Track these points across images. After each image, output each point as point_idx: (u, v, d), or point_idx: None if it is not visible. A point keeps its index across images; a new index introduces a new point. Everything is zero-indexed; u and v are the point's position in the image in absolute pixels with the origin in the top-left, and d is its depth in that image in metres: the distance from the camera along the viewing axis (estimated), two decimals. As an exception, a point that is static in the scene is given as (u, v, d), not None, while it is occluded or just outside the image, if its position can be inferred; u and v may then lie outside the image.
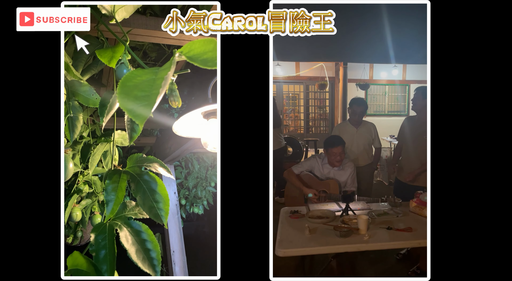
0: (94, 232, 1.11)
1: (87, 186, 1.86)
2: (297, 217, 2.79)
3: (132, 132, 1.15)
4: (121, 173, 1.11)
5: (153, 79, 0.70)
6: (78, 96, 1.22)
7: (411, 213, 2.78)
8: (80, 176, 1.83)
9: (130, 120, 1.14)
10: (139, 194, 1.08)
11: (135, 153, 1.26)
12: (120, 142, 1.52)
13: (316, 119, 9.45)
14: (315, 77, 8.55)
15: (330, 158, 3.34)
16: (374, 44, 4.89)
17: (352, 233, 2.34)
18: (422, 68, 8.22)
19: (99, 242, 1.09)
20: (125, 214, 1.18)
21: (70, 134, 1.23)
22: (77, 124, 1.23)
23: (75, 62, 1.30)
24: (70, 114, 1.20)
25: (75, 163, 1.66)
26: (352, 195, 2.90)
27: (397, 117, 8.76)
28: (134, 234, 1.12)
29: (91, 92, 1.22)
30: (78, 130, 1.24)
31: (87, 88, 1.21)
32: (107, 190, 1.06)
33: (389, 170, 3.80)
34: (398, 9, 4.20)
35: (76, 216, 1.82)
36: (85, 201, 1.93)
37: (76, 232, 2.36)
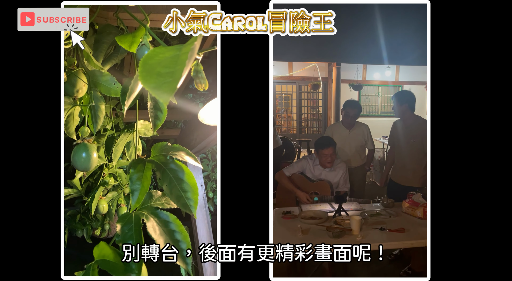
0: (120, 223, 1.07)
1: (112, 178, 1.83)
2: (289, 218, 2.78)
3: (155, 120, 1.11)
4: (145, 162, 1.07)
5: (177, 55, 0.67)
6: (99, 86, 1.19)
7: (403, 213, 2.79)
8: (106, 169, 1.81)
9: (153, 107, 1.11)
10: (165, 183, 1.05)
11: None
12: (143, 132, 1.48)
13: (309, 119, 9.46)
14: (308, 77, 8.56)
15: (321, 159, 3.34)
16: (367, 45, 4.91)
17: (345, 234, 2.34)
18: (415, 70, 8.28)
19: (126, 232, 1.05)
20: (151, 204, 1.14)
21: (93, 125, 1.20)
22: (99, 114, 1.20)
23: (95, 52, 1.26)
24: (92, 103, 1.17)
25: (100, 155, 1.64)
26: (345, 196, 2.91)
27: (390, 118, 8.78)
28: (162, 224, 1.09)
29: (112, 81, 1.19)
30: (101, 121, 1.21)
31: (108, 78, 1.19)
32: (132, 179, 1.02)
33: (381, 179, 3.81)
34: (392, 10, 4.22)
35: (103, 208, 1.81)
36: (111, 193, 1.91)
37: (103, 224, 2.34)
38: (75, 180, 1.94)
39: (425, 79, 8.35)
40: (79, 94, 1.26)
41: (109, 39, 1.24)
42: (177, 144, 1.15)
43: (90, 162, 1.20)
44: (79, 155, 1.20)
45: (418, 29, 3.59)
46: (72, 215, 2.38)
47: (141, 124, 1.46)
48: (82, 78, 1.24)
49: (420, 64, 6.17)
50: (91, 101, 1.18)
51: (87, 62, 1.19)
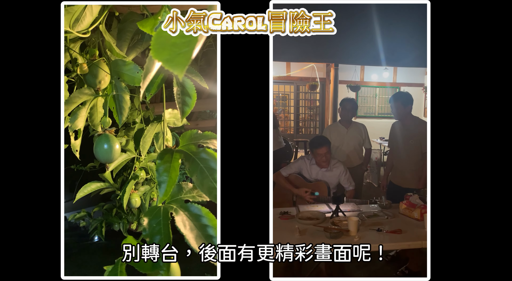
0: (147, 216, 1.01)
1: (143, 172, 1.80)
2: (287, 218, 2.79)
3: (184, 107, 1.06)
4: (173, 152, 1.01)
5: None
6: (123, 75, 1.13)
7: (400, 215, 2.79)
8: (137, 163, 1.78)
9: (180, 93, 1.05)
10: (195, 174, 0.97)
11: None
12: (172, 122, 1.38)
13: (306, 119, 9.47)
14: (306, 78, 8.57)
15: (317, 158, 3.34)
16: (365, 46, 4.92)
17: (342, 235, 2.34)
18: (413, 71, 8.30)
19: (153, 227, 0.99)
20: (181, 197, 1.07)
21: (118, 116, 1.14)
22: (124, 105, 1.13)
23: (119, 42, 1.22)
24: (113, 93, 1.12)
25: (129, 149, 1.61)
26: (342, 197, 2.91)
27: (387, 119, 8.82)
28: (193, 218, 1.02)
29: (136, 70, 1.13)
30: (126, 112, 1.15)
31: (132, 66, 1.13)
32: (159, 171, 0.97)
33: (382, 182, 3.81)
34: (389, 11, 4.23)
35: (135, 202, 1.77)
36: (144, 187, 1.87)
37: (139, 218, 2.33)
38: (106, 174, 1.89)
39: (422, 81, 8.41)
40: (101, 85, 1.21)
41: (132, 27, 1.20)
42: (209, 132, 1.08)
43: (112, 153, 1.18)
44: (101, 146, 1.17)
45: (416, 30, 3.61)
46: (109, 209, 2.37)
47: (170, 113, 1.37)
48: (104, 68, 1.20)
49: (417, 65, 6.19)
50: (113, 91, 1.13)
51: (110, 53, 1.15)
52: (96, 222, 2.34)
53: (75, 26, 1.10)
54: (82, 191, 1.69)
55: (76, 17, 1.10)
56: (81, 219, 2.46)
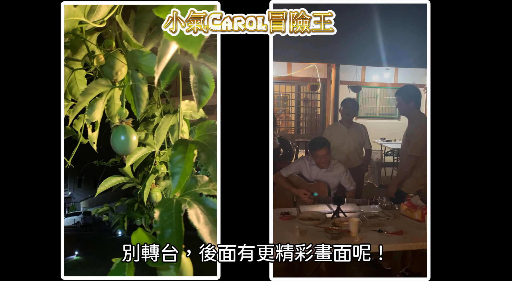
0: (158, 208, 0.96)
1: (164, 166, 1.76)
2: (287, 219, 2.78)
3: (200, 96, 1.02)
4: (188, 143, 0.97)
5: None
6: (140, 66, 1.08)
7: (401, 216, 2.78)
8: (157, 157, 1.76)
9: (197, 81, 1.02)
10: (211, 166, 0.94)
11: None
12: (189, 114, 1.33)
13: (307, 120, 9.46)
14: (307, 78, 8.56)
15: (316, 160, 3.33)
16: (367, 46, 4.92)
17: (343, 236, 2.33)
18: (414, 72, 8.29)
19: (165, 220, 0.94)
20: (196, 190, 1.01)
21: (136, 108, 1.11)
22: (141, 97, 1.09)
23: (136, 32, 1.20)
24: (129, 83, 1.08)
25: (149, 143, 1.58)
26: (343, 197, 2.90)
27: (388, 120, 8.83)
28: (208, 212, 0.96)
29: (154, 60, 1.07)
30: (144, 104, 1.10)
31: (149, 56, 1.08)
32: (172, 162, 0.92)
33: (390, 189, 3.42)
34: (391, 12, 4.23)
35: (156, 197, 1.75)
36: (165, 182, 1.84)
37: None
38: (126, 168, 1.87)
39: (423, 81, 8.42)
40: (118, 76, 1.19)
41: (150, 17, 1.18)
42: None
43: (129, 144, 1.14)
44: (118, 137, 1.14)
45: (417, 31, 3.60)
46: (130, 204, 2.36)
47: (186, 104, 1.31)
48: (121, 59, 1.17)
49: (418, 66, 6.18)
50: (130, 82, 1.09)
51: (127, 44, 1.13)
52: (118, 216, 2.33)
53: (90, 17, 1.08)
54: (103, 185, 1.70)
55: (91, 8, 1.08)
56: (103, 213, 2.45)
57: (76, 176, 20.95)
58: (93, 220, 16.30)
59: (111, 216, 2.42)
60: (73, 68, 1.24)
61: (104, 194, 1.63)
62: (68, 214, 18.34)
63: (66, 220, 17.26)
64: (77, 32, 1.13)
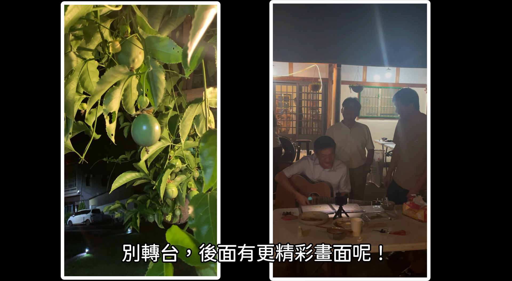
0: (192, 205, 0.91)
1: (179, 160, 1.72)
2: (289, 219, 2.78)
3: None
4: (217, 133, 0.93)
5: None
6: (157, 53, 1.04)
7: (404, 216, 2.78)
8: (171, 151, 1.70)
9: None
10: None
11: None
12: (214, 102, 1.26)
13: (308, 120, 9.46)
14: (308, 78, 8.56)
15: (320, 159, 3.33)
16: (368, 46, 4.91)
17: (345, 236, 2.33)
18: (416, 72, 8.28)
19: (200, 216, 0.90)
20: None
21: (153, 98, 1.03)
22: (159, 86, 1.02)
23: (150, 19, 1.16)
24: (150, 68, 1.01)
25: (164, 136, 1.52)
26: (345, 198, 2.90)
27: (389, 120, 8.81)
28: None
29: (171, 45, 1.03)
30: (162, 93, 1.04)
31: (166, 42, 1.03)
32: (203, 154, 0.88)
33: (385, 179, 3.72)
34: (392, 12, 4.22)
35: (172, 192, 1.71)
36: (180, 177, 1.80)
37: (174, 210, 2.27)
38: (141, 163, 1.80)
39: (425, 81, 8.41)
40: (135, 63, 1.13)
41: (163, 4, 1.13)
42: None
43: (152, 134, 1.08)
44: (139, 127, 1.07)
45: (419, 31, 3.59)
46: (143, 200, 2.31)
47: (211, 92, 1.25)
48: (137, 45, 1.12)
49: (420, 66, 6.16)
50: (149, 67, 1.02)
51: (142, 30, 1.08)
52: (130, 213, 2.30)
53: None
54: (117, 181, 1.64)
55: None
56: (115, 211, 2.42)
57: (84, 174, 21.06)
58: (102, 218, 16.41)
59: (122, 213, 2.39)
60: (86, 59, 1.18)
61: (113, 192, 1.59)
62: (77, 212, 18.44)
63: (75, 218, 17.38)
64: (91, 17, 1.08)
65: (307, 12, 4.08)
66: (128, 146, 2.40)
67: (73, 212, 19.69)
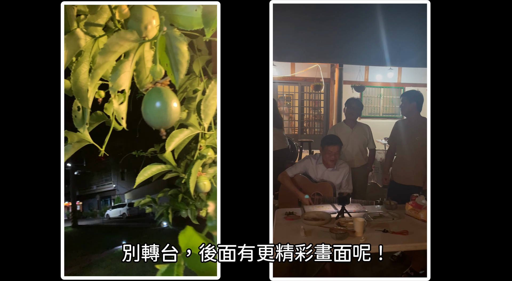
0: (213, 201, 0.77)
1: (211, 150, 1.52)
2: (292, 219, 2.77)
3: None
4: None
5: None
6: (175, 18, 0.86)
7: (406, 216, 2.77)
8: (202, 140, 1.50)
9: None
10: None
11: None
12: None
13: (310, 120, 9.45)
14: (310, 78, 8.55)
15: (325, 156, 3.33)
16: (370, 46, 4.91)
17: (348, 236, 2.32)
18: (418, 71, 8.26)
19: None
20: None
21: (174, 74, 0.83)
22: (180, 59, 0.82)
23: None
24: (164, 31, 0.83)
25: (192, 123, 1.32)
26: (348, 198, 2.89)
27: (391, 119, 8.78)
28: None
29: (193, 8, 0.84)
30: (184, 68, 0.83)
31: (186, 6, 0.85)
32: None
33: (383, 177, 3.82)
34: (394, 11, 4.21)
35: (204, 186, 1.53)
36: (213, 169, 1.61)
37: (207, 205, 2.19)
38: (166, 154, 1.60)
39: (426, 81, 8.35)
40: (148, 31, 0.92)
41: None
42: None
43: (167, 112, 0.84)
44: (152, 104, 0.83)
45: (421, 31, 3.57)
46: (174, 194, 2.21)
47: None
48: (150, 7, 0.92)
49: (422, 66, 6.13)
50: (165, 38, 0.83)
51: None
52: (162, 208, 2.22)
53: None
54: (142, 174, 1.48)
55: None
56: (146, 205, 2.36)
57: (118, 169, 21.36)
58: (138, 212, 16.52)
59: (154, 207, 2.32)
60: (95, 36, 0.99)
61: (147, 185, 1.50)
62: (114, 206, 18.71)
63: (112, 212, 17.69)
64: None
65: (308, 12, 4.08)
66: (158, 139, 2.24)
67: (110, 206, 19.97)
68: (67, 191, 24.70)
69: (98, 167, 23.55)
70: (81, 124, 1.09)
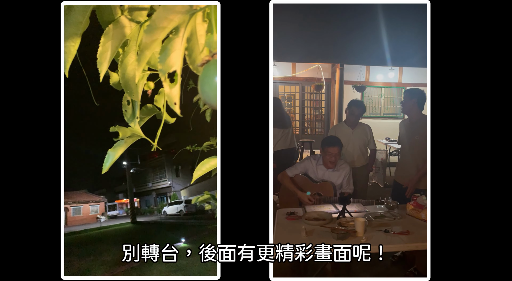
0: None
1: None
2: (293, 219, 2.77)
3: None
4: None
5: None
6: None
7: (408, 216, 2.76)
8: None
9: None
10: None
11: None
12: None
13: (311, 120, 9.44)
14: (311, 78, 8.54)
15: (325, 157, 3.32)
16: (371, 46, 4.91)
17: (349, 236, 2.31)
18: (418, 71, 8.26)
19: None
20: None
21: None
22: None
23: None
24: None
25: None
26: (349, 197, 2.89)
27: (392, 119, 8.78)
28: None
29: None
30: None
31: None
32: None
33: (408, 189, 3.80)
34: (395, 12, 4.21)
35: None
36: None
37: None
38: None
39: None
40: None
41: None
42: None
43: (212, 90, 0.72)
44: (209, 79, 0.72)
45: (421, 31, 3.56)
46: None
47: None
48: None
49: (423, 66, 6.12)
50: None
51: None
52: None
53: None
54: (200, 169, 1.33)
55: None
56: (205, 202, 2.32)
57: (172, 165, 21.40)
58: (196, 209, 16.36)
59: (214, 204, 2.27)
60: (141, 22, 0.88)
61: (203, 182, 1.46)
62: (171, 203, 18.63)
63: (169, 209, 17.66)
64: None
65: (309, 12, 4.08)
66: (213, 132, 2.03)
67: (167, 203, 19.90)
68: (124, 189, 24.76)
69: (152, 164, 23.67)
70: (132, 118, 1.04)
